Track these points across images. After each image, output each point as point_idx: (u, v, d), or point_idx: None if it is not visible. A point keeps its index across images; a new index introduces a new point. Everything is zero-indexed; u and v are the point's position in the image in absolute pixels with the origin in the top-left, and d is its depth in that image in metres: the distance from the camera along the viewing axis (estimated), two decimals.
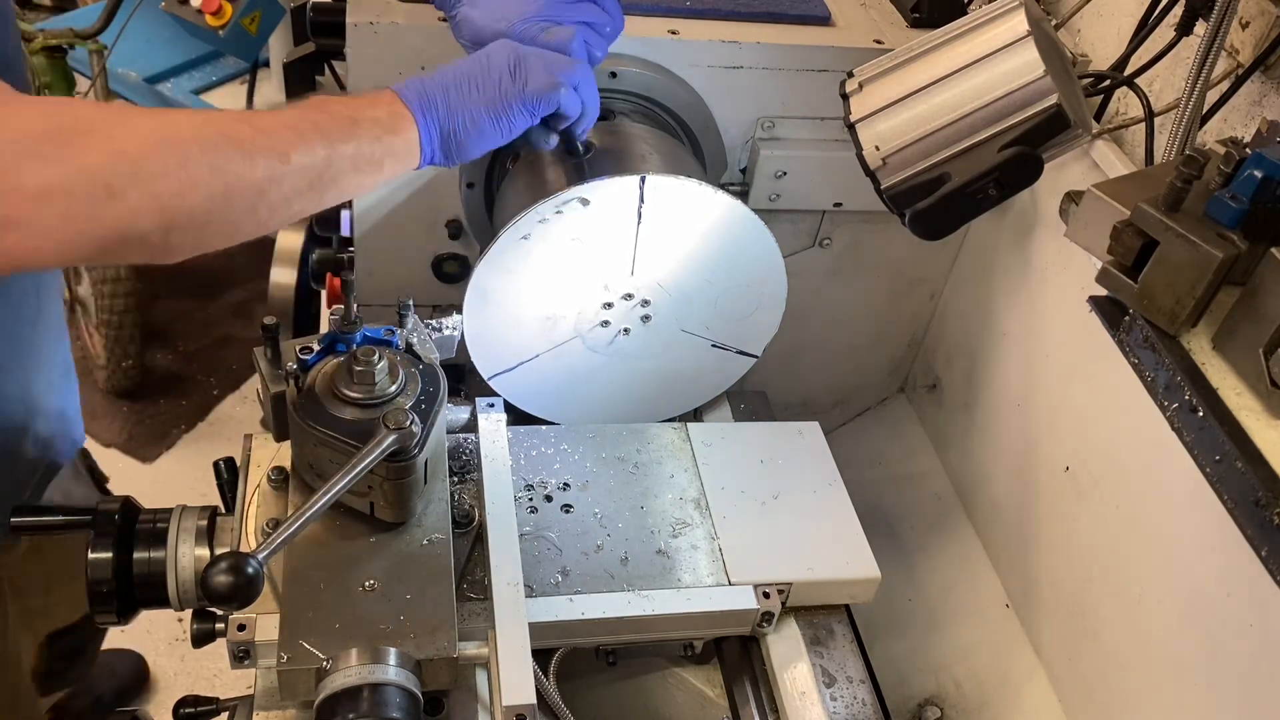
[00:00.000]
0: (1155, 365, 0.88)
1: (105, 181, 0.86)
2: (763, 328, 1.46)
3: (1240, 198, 0.84)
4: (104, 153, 0.87)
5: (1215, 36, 1.01)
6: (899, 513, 1.81)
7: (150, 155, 0.89)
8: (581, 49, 1.19)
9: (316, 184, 1.00)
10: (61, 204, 0.85)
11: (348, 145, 1.02)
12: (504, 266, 1.29)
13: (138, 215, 0.88)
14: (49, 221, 0.85)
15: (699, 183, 1.28)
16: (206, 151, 0.92)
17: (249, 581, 0.92)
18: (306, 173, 0.99)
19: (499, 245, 1.27)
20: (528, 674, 1.08)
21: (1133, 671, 1.35)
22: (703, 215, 1.31)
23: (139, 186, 0.88)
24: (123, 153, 0.88)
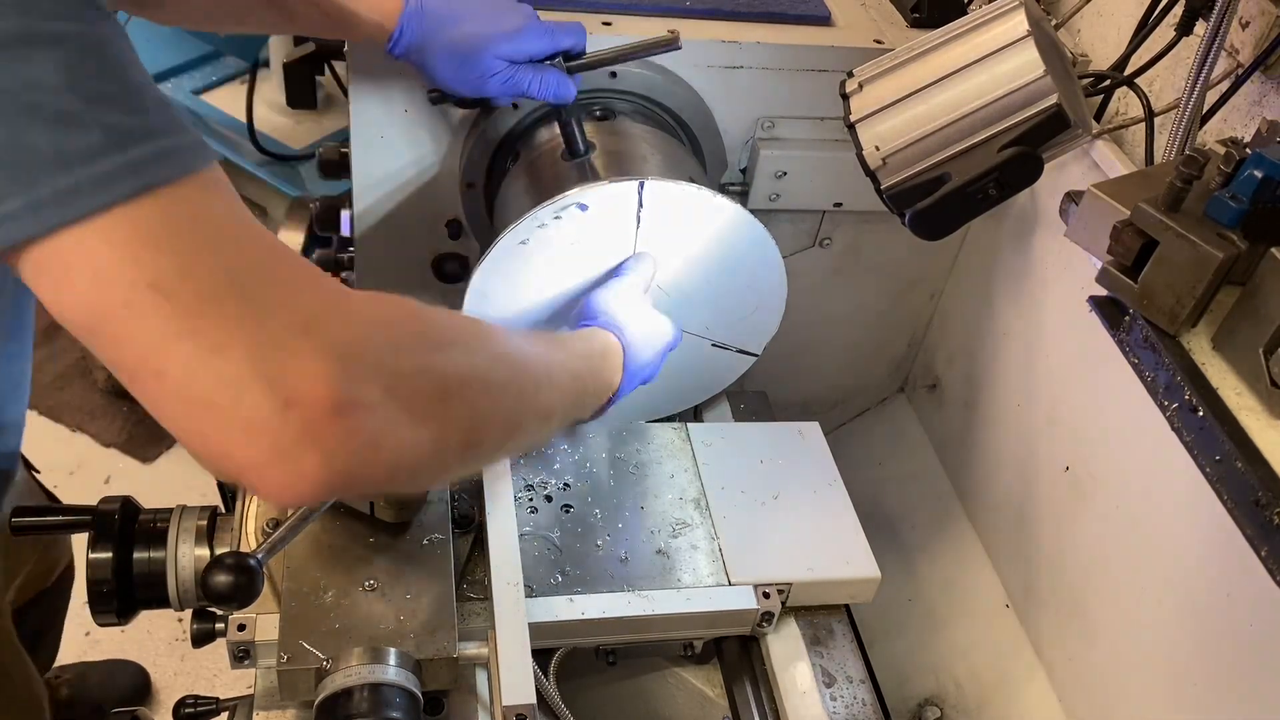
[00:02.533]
0: (1155, 365, 0.88)
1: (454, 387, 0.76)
2: (763, 326, 1.46)
3: (1240, 198, 0.84)
4: (475, 360, 0.81)
5: (1215, 36, 1.01)
6: (899, 513, 1.81)
7: (509, 380, 0.84)
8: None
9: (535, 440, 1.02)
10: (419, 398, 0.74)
11: (578, 404, 1.04)
12: (503, 271, 1.29)
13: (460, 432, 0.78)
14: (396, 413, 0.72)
15: (698, 187, 1.27)
16: (539, 389, 0.89)
17: (249, 581, 0.92)
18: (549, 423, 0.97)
19: (498, 250, 1.26)
20: (528, 674, 1.08)
21: (1133, 671, 1.35)
22: (701, 218, 1.31)
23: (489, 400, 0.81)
24: (486, 363, 0.82)
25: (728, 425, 1.53)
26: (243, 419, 0.64)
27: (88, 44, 0.63)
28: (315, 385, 0.65)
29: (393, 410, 0.69)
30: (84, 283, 0.63)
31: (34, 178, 0.60)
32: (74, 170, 0.60)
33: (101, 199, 0.61)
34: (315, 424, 0.65)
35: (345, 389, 0.66)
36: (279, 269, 0.68)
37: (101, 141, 0.62)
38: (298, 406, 0.64)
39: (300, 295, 0.67)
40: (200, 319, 0.63)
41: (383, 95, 1.41)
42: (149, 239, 0.63)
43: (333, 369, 0.66)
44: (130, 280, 0.62)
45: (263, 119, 2.63)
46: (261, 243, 0.69)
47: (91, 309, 0.63)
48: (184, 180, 0.65)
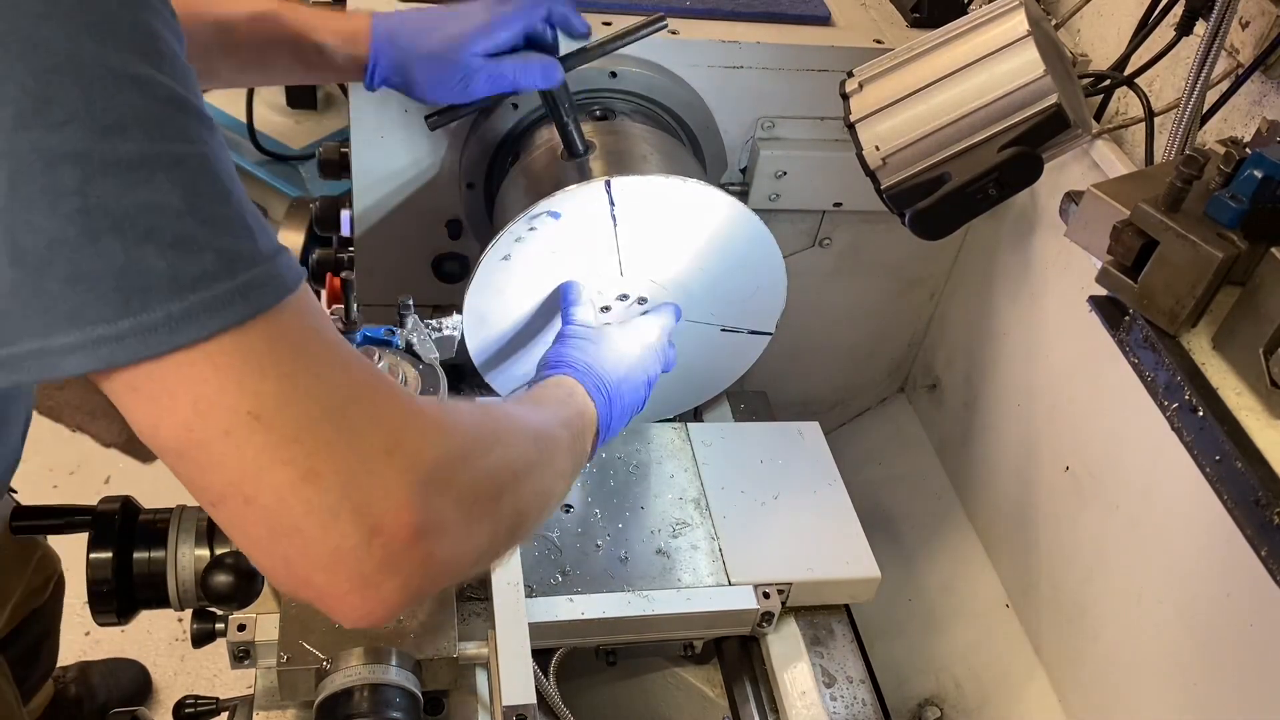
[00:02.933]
0: (1155, 365, 0.88)
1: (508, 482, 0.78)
2: (769, 306, 1.44)
3: (1240, 198, 0.84)
4: (513, 452, 0.81)
5: (1215, 36, 1.01)
6: (899, 513, 1.81)
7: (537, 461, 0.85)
8: None
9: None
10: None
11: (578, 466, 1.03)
12: (494, 287, 1.29)
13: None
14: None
15: (665, 176, 1.26)
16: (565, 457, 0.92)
17: (249, 581, 0.92)
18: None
19: (483, 269, 1.26)
20: (528, 674, 1.08)
21: (1133, 671, 1.35)
22: (678, 207, 1.29)
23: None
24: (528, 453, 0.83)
25: (728, 425, 1.53)
26: (330, 548, 0.64)
27: (203, 164, 0.62)
28: (400, 513, 0.65)
29: (463, 523, 0.71)
30: (185, 409, 0.62)
31: (147, 301, 0.59)
32: (187, 295, 0.60)
33: (213, 324, 0.60)
34: (397, 552, 0.66)
35: (425, 513, 0.67)
36: (364, 386, 0.68)
37: (214, 266, 0.61)
38: (382, 535, 0.65)
39: (384, 412, 0.67)
40: (296, 446, 0.63)
41: (383, 95, 1.40)
42: (253, 365, 0.62)
43: (414, 493, 0.66)
44: (232, 408, 0.62)
45: (263, 119, 2.63)
46: (348, 359, 0.68)
47: (189, 436, 0.63)
48: (286, 302, 0.64)
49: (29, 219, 0.56)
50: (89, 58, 0.56)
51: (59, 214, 0.56)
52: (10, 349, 0.59)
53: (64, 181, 0.56)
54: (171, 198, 0.59)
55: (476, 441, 0.76)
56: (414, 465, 0.67)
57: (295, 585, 0.68)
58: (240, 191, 0.64)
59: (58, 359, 0.59)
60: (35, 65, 0.55)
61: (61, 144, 0.56)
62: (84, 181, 0.56)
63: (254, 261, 0.63)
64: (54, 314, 0.58)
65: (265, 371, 0.63)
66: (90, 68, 0.56)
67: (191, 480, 0.66)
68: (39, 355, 0.59)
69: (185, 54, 0.63)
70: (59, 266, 0.57)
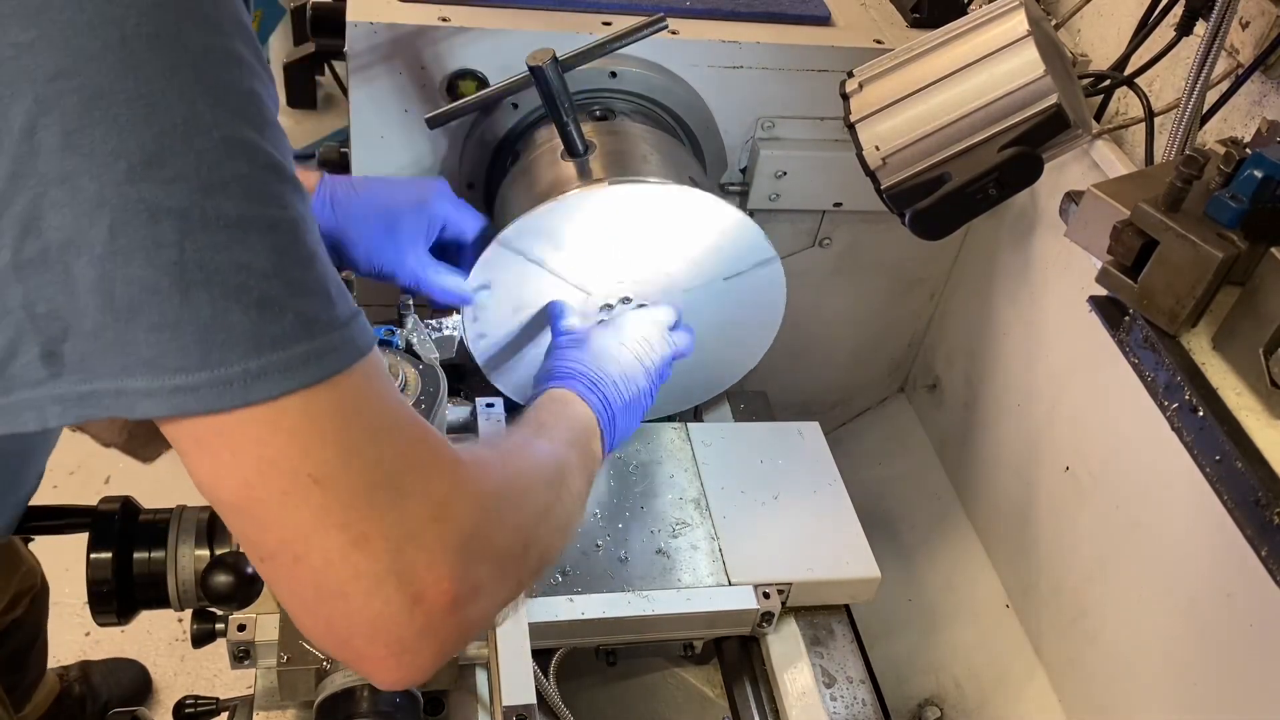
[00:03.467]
0: (1155, 365, 0.88)
1: (526, 539, 0.80)
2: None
3: (1240, 198, 0.84)
4: (538, 501, 0.84)
5: (1215, 36, 1.01)
6: (899, 513, 1.81)
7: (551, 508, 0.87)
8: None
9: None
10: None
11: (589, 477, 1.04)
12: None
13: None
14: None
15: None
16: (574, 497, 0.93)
17: (249, 581, 0.92)
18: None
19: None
20: (528, 674, 1.08)
21: (1133, 671, 1.35)
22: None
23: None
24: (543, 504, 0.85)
25: (728, 425, 1.53)
26: (372, 614, 0.66)
27: (294, 229, 0.64)
28: (441, 582, 0.67)
29: (497, 582, 0.73)
30: (248, 468, 0.63)
31: (226, 356, 0.60)
32: (265, 354, 0.61)
33: (285, 385, 0.62)
34: (436, 619, 0.68)
35: (464, 582, 0.69)
36: (418, 452, 0.69)
37: (293, 328, 0.62)
38: (424, 603, 0.67)
39: (433, 480, 0.69)
40: (350, 511, 0.65)
41: (382, 95, 1.41)
42: (318, 429, 0.64)
43: (456, 562, 0.68)
44: (294, 470, 0.63)
45: None
46: (406, 424, 0.70)
47: (248, 493, 0.64)
48: (355, 367, 0.66)
49: (126, 267, 0.58)
50: (203, 122, 0.59)
51: (155, 265, 0.58)
52: (89, 386, 0.61)
53: (164, 235, 0.58)
54: (261, 259, 0.61)
55: (506, 499, 0.77)
56: (457, 533, 0.69)
57: (334, 646, 0.70)
58: (324, 257, 0.66)
59: (133, 400, 0.61)
60: (155, 126, 0.57)
61: (167, 199, 0.58)
62: (183, 236, 0.59)
63: (330, 327, 0.64)
64: (134, 358, 0.60)
65: (327, 436, 0.64)
66: (203, 132, 0.59)
67: (245, 534, 0.68)
68: (115, 395, 0.61)
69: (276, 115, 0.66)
70: (147, 314, 0.59)
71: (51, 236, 0.57)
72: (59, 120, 0.56)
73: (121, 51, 0.56)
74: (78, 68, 0.55)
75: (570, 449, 1.00)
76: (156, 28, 0.57)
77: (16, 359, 0.60)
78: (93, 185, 0.57)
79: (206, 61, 0.60)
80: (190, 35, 0.59)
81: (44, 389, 0.61)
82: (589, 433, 1.08)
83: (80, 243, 0.57)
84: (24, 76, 0.55)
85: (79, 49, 0.55)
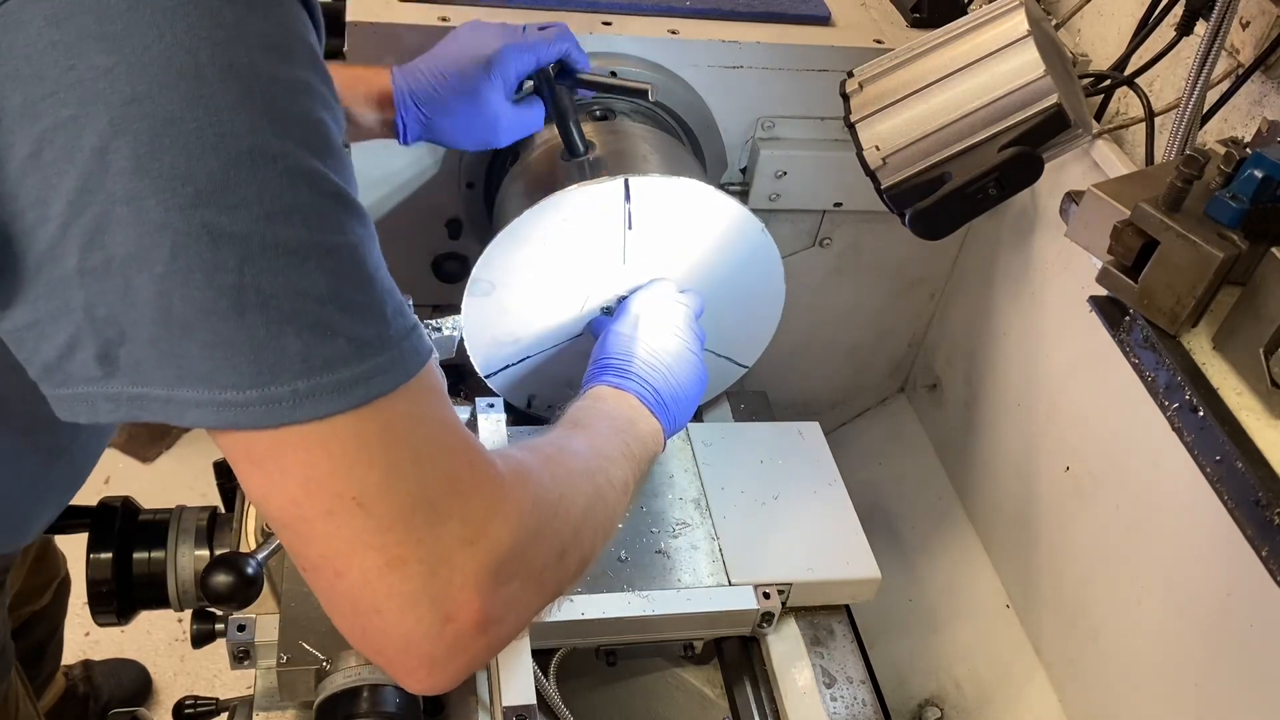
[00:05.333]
0: (1155, 365, 0.88)
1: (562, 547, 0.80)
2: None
3: (1240, 197, 0.84)
4: (575, 509, 0.84)
5: (1215, 36, 1.01)
6: (899, 513, 1.81)
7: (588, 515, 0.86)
8: None
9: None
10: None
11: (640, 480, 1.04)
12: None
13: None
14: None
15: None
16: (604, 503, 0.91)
17: (249, 582, 0.92)
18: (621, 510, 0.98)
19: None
20: (528, 674, 1.08)
21: (1133, 671, 1.35)
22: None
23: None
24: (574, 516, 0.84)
25: (728, 425, 1.53)
26: (405, 630, 0.68)
27: (353, 254, 0.65)
28: (472, 604, 0.69)
29: (531, 595, 0.75)
30: (294, 486, 0.66)
31: (277, 376, 0.62)
32: (315, 376, 0.63)
33: (334, 406, 0.64)
34: (467, 638, 0.70)
35: (496, 603, 0.71)
36: (460, 473, 0.71)
37: (345, 352, 0.64)
38: (455, 623, 0.69)
39: (472, 501, 0.70)
40: (389, 534, 0.67)
41: None
42: (363, 451, 0.66)
43: (488, 584, 0.70)
44: (338, 492, 0.65)
45: None
46: (453, 444, 0.71)
47: (295, 510, 0.66)
48: (406, 385, 0.67)
49: (185, 287, 0.60)
50: (269, 151, 0.61)
51: (213, 286, 0.60)
52: (140, 389, 0.63)
53: (224, 259, 0.60)
54: (318, 285, 0.63)
55: (545, 510, 0.78)
56: (492, 555, 0.70)
57: (369, 653, 0.72)
58: (384, 278, 0.68)
59: (183, 409, 0.63)
60: (223, 154, 0.59)
61: (230, 224, 0.60)
62: (243, 261, 0.60)
63: (382, 348, 0.66)
64: (187, 371, 0.62)
65: (374, 459, 0.66)
66: (269, 161, 0.61)
67: (291, 546, 0.70)
68: (165, 401, 0.63)
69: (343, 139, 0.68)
70: (202, 332, 0.61)
71: (115, 251, 0.59)
72: (130, 143, 0.58)
73: (195, 81, 0.58)
74: (152, 94, 0.58)
75: (612, 439, 1.00)
76: (230, 58, 0.59)
77: (75, 356, 0.63)
78: (159, 208, 0.59)
79: (275, 90, 0.61)
80: (261, 65, 0.61)
81: (98, 386, 0.63)
82: (630, 420, 1.08)
83: (142, 260, 0.59)
84: (101, 99, 0.57)
85: (154, 77, 0.58)
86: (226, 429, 0.64)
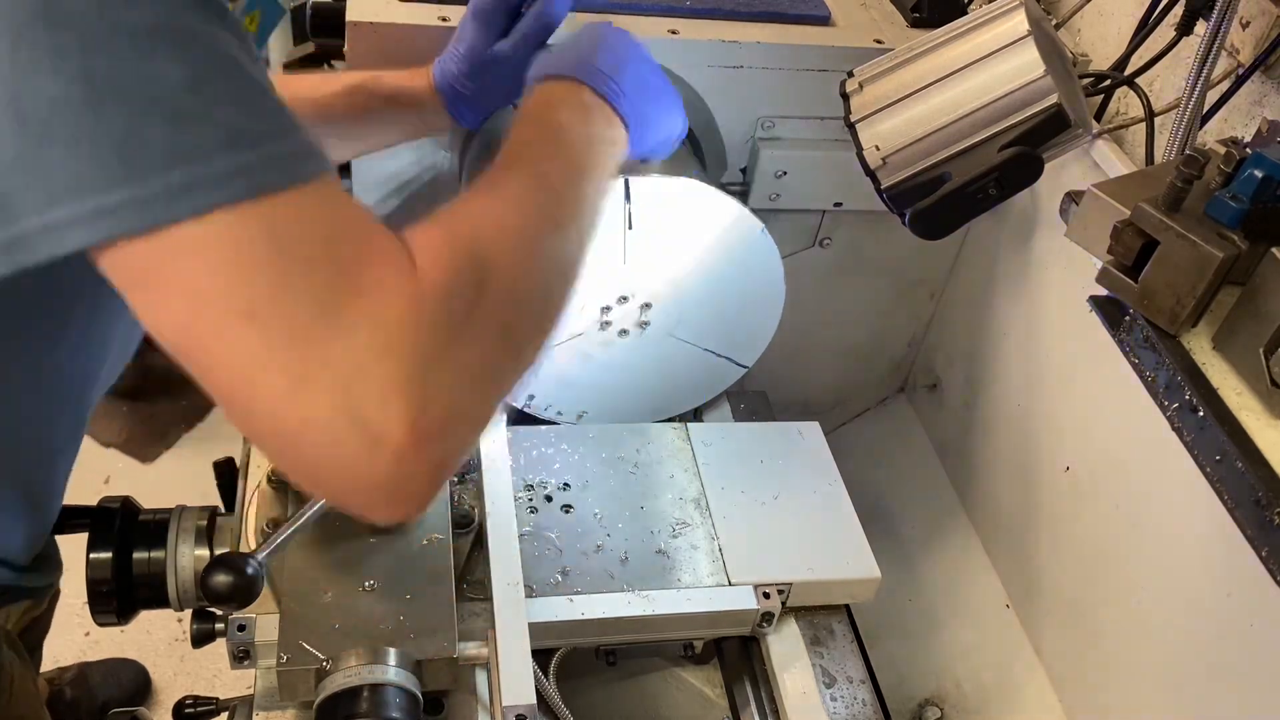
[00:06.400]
0: (1155, 365, 0.88)
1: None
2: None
3: (1240, 197, 0.84)
4: (510, 263, 0.73)
5: (1215, 36, 1.01)
6: (899, 513, 1.81)
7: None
8: None
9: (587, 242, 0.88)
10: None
11: (603, 192, 0.91)
12: None
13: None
14: None
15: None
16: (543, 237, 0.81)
17: (249, 581, 0.92)
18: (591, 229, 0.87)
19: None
20: (528, 674, 1.08)
21: (1133, 671, 1.35)
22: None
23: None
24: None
25: (728, 425, 1.53)
26: (335, 460, 0.62)
27: (215, 45, 0.61)
28: (400, 421, 0.61)
29: (475, 393, 0.67)
30: (180, 304, 0.61)
31: (145, 171, 0.58)
32: (186, 166, 0.58)
33: (207, 199, 0.59)
34: (407, 460, 0.62)
35: (429, 414, 0.63)
36: (366, 274, 0.63)
37: (217, 140, 0.59)
38: (386, 444, 0.62)
39: (380, 302, 0.62)
40: (289, 350, 0.60)
41: None
42: (248, 255, 0.60)
43: (415, 394, 0.62)
44: (226, 306, 0.60)
45: None
46: (354, 241, 0.64)
47: (187, 335, 0.61)
48: (296, 188, 0.62)
49: (32, 81, 0.57)
50: None
51: (61, 75, 0.57)
52: (17, 227, 0.59)
53: (66, 43, 0.56)
54: (175, 73, 0.59)
55: (471, 289, 0.68)
56: (411, 359, 0.62)
57: (318, 489, 0.66)
58: (260, 82, 0.63)
59: (61, 234, 0.58)
60: None
61: (64, 4, 0.56)
62: (86, 46, 0.57)
63: (261, 141, 0.61)
64: (55, 183, 0.58)
65: (260, 264, 0.60)
66: None
67: (200, 379, 0.63)
68: (44, 231, 0.59)
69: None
70: (61, 128, 0.57)
71: None
72: None
73: None
74: None
75: (559, 157, 0.87)
76: None
77: None
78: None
79: None
80: None
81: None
82: (585, 121, 0.94)
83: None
84: None
85: None
86: (103, 243, 0.59)
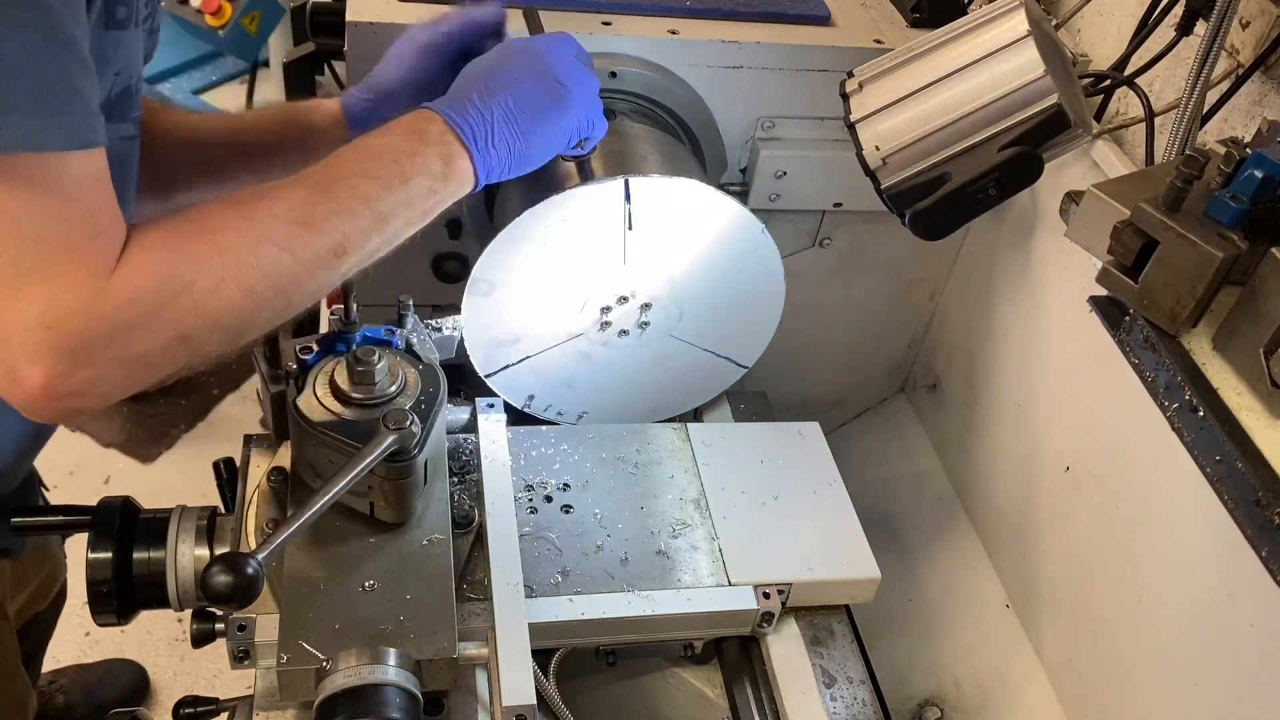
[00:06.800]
0: (1155, 365, 0.88)
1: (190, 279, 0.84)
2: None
3: (1240, 198, 0.84)
4: (210, 249, 0.85)
5: (1215, 36, 1.01)
6: (899, 513, 1.81)
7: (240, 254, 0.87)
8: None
9: (368, 259, 0.98)
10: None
11: (400, 213, 0.98)
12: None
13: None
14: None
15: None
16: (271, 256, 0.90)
17: (249, 581, 0.91)
18: (361, 256, 0.97)
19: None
20: (528, 674, 1.08)
21: (1133, 671, 1.35)
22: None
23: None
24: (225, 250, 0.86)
25: (728, 425, 1.53)
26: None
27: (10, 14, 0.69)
28: (34, 378, 0.77)
29: (122, 377, 0.82)
30: None
31: None
32: None
33: None
34: (37, 401, 0.79)
35: (66, 381, 0.78)
36: (61, 262, 0.76)
37: None
38: (20, 386, 0.78)
39: (63, 290, 0.76)
40: None
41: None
42: None
43: (58, 364, 0.77)
44: None
45: None
46: (68, 231, 0.76)
47: None
48: (25, 159, 0.71)
49: None
50: None
51: None
52: None
53: None
54: None
55: (159, 300, 0.81)
56: (65, 343, 0.77)
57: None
58: (22, 50, 0.71)
59: None
60: None
61: None
62: None
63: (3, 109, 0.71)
64: None
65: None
66: None
67: None
68: None
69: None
70: None
71: None
72: None
73: None
74: None
75: (343, 188, 0.94)
76: None
77: None
78: None
79: None
80: None
81: None
82: (408, 152, 0.99)
83: None
84: None
85: None
86: None
